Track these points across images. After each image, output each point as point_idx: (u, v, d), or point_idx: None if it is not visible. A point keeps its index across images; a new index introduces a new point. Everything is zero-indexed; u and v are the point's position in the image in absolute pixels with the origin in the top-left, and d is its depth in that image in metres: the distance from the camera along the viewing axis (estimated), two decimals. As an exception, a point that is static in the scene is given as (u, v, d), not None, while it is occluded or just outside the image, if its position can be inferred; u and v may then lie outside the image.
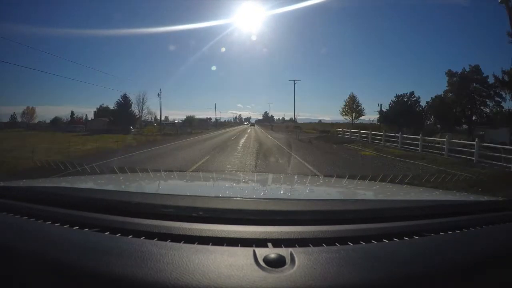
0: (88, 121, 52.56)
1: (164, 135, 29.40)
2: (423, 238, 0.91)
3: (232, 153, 12.60)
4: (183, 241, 0.81)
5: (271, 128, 53.94)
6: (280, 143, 18.53)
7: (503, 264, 0.86)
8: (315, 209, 1.03)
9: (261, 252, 0.75)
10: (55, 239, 0.86)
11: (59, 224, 0.93)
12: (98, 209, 0.98)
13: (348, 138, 22.78)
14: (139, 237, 0.83)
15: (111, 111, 43.79)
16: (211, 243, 0.80)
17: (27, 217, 0.98)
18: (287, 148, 15.28)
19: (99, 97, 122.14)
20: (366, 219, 0.98)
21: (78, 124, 48.73)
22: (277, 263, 0.72)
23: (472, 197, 1.56)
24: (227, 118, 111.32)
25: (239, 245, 0.81)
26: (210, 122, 73.96)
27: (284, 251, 0.76)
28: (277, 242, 0.82)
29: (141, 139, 21.48)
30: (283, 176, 2.64)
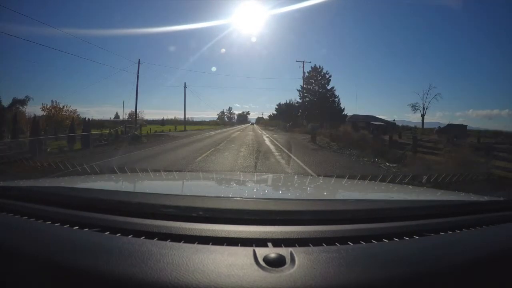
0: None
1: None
2: (423, 238, 0.91)
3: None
4: (183, 241, 0.81)
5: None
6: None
7: (503, 264, 0.86)
8: (315, 209, 1.03)
9: (261, 252, 0.75)
10: (55, 239, 0.86)
11: (59, 224, 0.93)
12: (98, 209, 0.98)
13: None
14: (139, 237, 0.83)
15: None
16: (211, 243, 0.81)
17: (27, 217, 0.98)
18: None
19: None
20: (366, 219, 0.98)
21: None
22: (277, 262, 0.72)
23: (472, 197, 1.56)
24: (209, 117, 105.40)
25: (239, 244, 0.81)
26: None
27: (284, 251, 0.76)
28: (277, 242, 0.82)
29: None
30: (283, 176, 2.64)
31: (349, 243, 0.84)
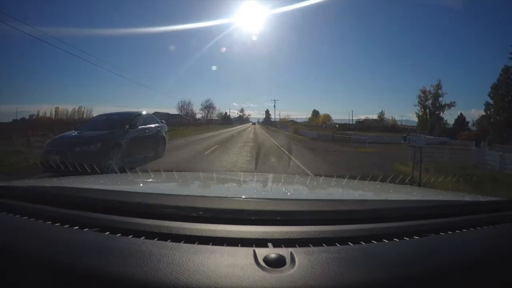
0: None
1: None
2: (423, 238, 0.91)
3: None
4: (183, 241, 0.81)
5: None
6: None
7: (503, 264, 0.86)
8: (315, 209, 1.03)
9: (261, 252, 0.75)
10: (55, 239, 0.86)
11: (59, 224, 0.93)
12: (98, 209, 0.98)
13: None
14: (140, 237, 0.83)
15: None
16: (211, 243, 0.80)
17: (27, 217, 0.98)
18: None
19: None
20: (366, 219, 0.97)
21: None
22: (277, 263, 0.72)
23: (472, 197, 1.56)
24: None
25: (239, 245, 0.81)
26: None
27: (284, 251, 0.76)
28: (277, 242, 0.82)
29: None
30: (283, 176, 2.64)
31: (349, 243, 0.83)
